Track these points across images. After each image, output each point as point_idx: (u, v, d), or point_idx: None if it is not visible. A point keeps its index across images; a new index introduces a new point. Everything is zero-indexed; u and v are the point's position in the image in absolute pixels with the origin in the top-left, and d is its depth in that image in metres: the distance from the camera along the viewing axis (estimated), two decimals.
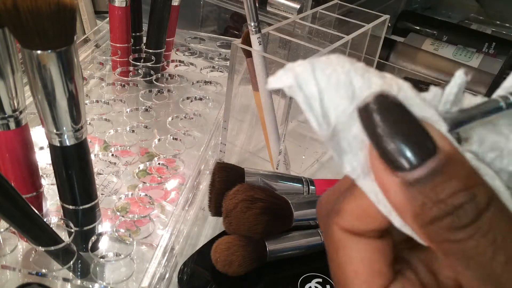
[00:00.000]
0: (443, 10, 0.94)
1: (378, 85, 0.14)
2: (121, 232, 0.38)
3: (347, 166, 0.15)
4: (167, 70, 0.63)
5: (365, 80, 0.14)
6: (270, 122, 0.44)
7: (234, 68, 0.44)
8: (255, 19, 0.40)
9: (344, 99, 0.14)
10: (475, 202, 0.13)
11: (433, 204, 0.13)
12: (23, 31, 0.26)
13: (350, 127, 0.14)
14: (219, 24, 0.80)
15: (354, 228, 0.16)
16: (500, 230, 0.13)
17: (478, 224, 0.13)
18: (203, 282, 0.35)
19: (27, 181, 0.34)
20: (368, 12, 0.52)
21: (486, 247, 0.13)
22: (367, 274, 0.16)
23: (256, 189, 0.36)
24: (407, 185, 0.13)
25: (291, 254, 0.37)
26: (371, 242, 0.16)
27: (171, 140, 0.50)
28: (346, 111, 0.14)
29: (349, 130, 0.14)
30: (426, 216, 0.13)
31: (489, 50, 0.71)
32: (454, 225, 0.13)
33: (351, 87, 0.14)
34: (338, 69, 0.15)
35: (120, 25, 0.56)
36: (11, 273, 0.34)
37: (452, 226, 0.13)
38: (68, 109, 0.29)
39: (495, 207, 0.13)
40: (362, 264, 0.16)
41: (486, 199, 0.13)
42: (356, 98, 0.14)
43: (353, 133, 0.14)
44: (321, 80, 0.15)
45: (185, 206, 0.39)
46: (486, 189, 0.13)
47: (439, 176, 0.13)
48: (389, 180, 0.13)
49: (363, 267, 0.16)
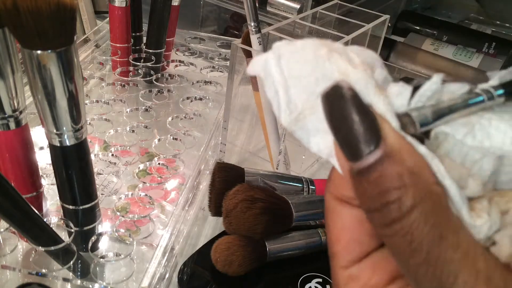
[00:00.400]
0: (443, 10, 0.93)
1: (341, 73, 0.14)
2: (121, 232, 0.38)
3: (314, 147, 0.16)
4: (167, 70, 0.63)
5: (331, 66, 0.15)
6: (270, 122, 0.44)
7: (234, 68, 0.44)
8: (255, 19, 0.40)
9: (309, 86, 0.15)
10: (399, 203, 0.13)
11: (368, 197, 0.13)
12: (23, 31, 0.26)
13: (315, 112, 0.15)
14: (219, 24, 0.80)
15: (340, 195, 0.17)
16: (420, 233, 0.13)
17: (400, 224, 0.13)
18: (203, 282, 0.35)
19: (27, 181, 0.34)
20: (368, 12, 0.52)
21: (405, 247, 0.13)
22: (346, 240, 0.17)
23: (256, 189, 0.36)
24: (352, 174, 0.14)
25: (291, 254, 0.37)
26: (354, 211, 0.16)
27: (171, 140, 0.50)
28: (311, 98, 0.15)
29: (315, 114, 0.15)
30: (364, 206, 0.14)
31: (489, 50, 0.71)
32: (381, 221, 0.13)
33: (315, 74, 0.15)
34: (307, 55, 0.15)
35: (120, 25, 0.56)
36: (11, 273, 0.34)
37: (381, 221, 0.13)
38: (68, 109, 0.29)
39: (421, 211, 0.13)
40: (343, 230, 0.17)
41: (412, 202, 0.13)
42: (320, 85, 0.15)
43: (319, 117, 0.15)
44: (286, 68, 0.15)
45: (185, 206, 0.39)
46: (417, 192, 0.13)
47: (375, 171, 0.13)
48: (343, 165, 0.14)
49: (344, 233, 0.17)
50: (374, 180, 0.13)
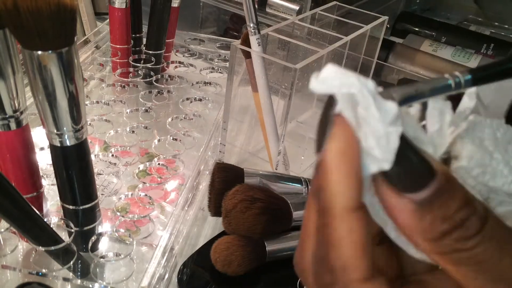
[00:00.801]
0: (442, 12, 0.94)
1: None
2: (121, 232, 0.38)
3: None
4: (167, 71, 0.64)
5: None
6: (269, 123, 0.45)
7: (233, 69, 0.44)
8: (254, 20, 0.40)
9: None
10: (477, 214, 0.14)
11: (442, 221, 0.14)
12: (24, 31, 0.26)
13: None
14: (219, 25, 0.80)
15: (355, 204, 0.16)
16: (501, 234, 0.14)
17: (483, 232, 0.14)
18: (202, 282, 0.36)
19: (27, 181, 0.34)
20: (366, 13, 0.52)
21: (493, 250, 0.14)
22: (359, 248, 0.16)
23: (256, 189, 0.36)
24: (415, 206, 0.14)
25: (290, 254, 0.37)
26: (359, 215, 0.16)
27: (171, 141, 0.50)
28: None
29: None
30: (436, 232, 0.14)
31: (487, 51, 0.71)
32: (463, 235, 0.14)
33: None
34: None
35: (120, 26, 0.56)
36: (12, 273, 0.34)
37: (462, 237, 0.14)
38: (68, 110, 0.29)
39: (492, 216, 0.14)
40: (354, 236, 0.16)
41: (485, 210, 0.14)
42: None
43: None
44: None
45: (184, 206, 0.40)
46: (481, 202, 0.14)
47: (443, 195, 0.14)
48: (397, 201, 0.14)
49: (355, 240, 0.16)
50: (445, 202, 0.14)
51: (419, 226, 0.14)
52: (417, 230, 0.14)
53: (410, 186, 0.14)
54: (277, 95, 0.51)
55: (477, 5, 0.91)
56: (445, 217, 0.14)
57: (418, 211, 0.14)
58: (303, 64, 0.40)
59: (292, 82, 0.40)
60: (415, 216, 0.14)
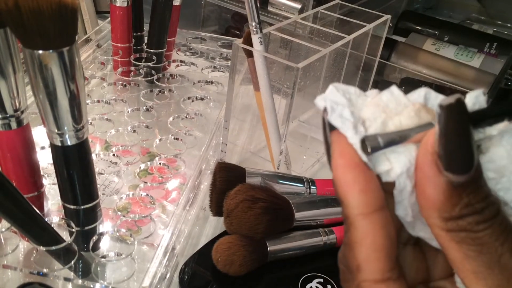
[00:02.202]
0: (444, 10, 0.93)
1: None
2: (122, 232, 0.38)
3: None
4: (168, 70, 0.63)
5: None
6: (271, 122, 0.44)
7: (235, 68, 0.44)
8: (256, 19, 0.40)
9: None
10: (495, 205, 0.15)
11: (465, 205, 0.15)
12: (25, 31, 0.26)
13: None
14: (220, 24, 0.80)
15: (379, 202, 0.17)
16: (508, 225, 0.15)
17: (494, 219, 0.15)
18: (204, 282, 0.35)
19: (28, 180, 0.34)
20: (369, 12, 0.52)
21: (498, 234, 0.15)
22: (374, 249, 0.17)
23: (257, 189, 0.36)
24: (449, 185, 0.15)
25: (292, 254, 0.37)
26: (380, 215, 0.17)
27: (172, 140, 0.50)
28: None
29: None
30: (456, 213, 0.15)
31: (490, 50, 0.71)
32: (478, 220, 0.15)
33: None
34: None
35: (121, 25, 0.56)
36: (13, 272, 0.34)
37: (477, 220, 0.15)
38: (69, 109, 0.29)
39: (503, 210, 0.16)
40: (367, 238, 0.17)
41: (500, 203, 0.15)
42: None
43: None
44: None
45: (186, 206, 0.39)
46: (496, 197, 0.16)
47: (474, 184, 0.15)
48: (434, 175, 0.15)
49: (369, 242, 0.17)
50: (474, 191, 0.15)
51: (442, 204, 0.15)
52: (438, 207, 0.15)
53: (454, 167, 0.15)
54: (279, 94, 0.51)
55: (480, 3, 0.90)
56: (469, 204, 0.15)
57: (449, 191, 0.15)
58: (305, 63, 0.39)
59: (294, 81, 0.39)
60: (444, 194, 0.15)
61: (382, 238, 0.16)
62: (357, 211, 0.16)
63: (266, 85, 0.43)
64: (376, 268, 0.16)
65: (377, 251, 0.16)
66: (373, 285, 0.16)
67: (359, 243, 0.16)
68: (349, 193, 0.16)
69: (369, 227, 0.16)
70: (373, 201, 0.16)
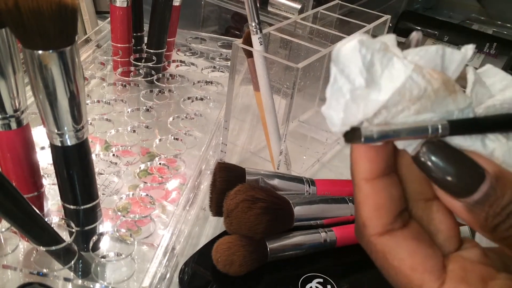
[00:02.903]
0: (444, 10, 0.93)
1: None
2: (122, 232, 0.38)
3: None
4: (168, 70, 0.63)
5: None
6: (271, 122, 0.44)
7: (235, 68, 0.44)
8: (256, 19, 0.40)
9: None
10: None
11: (493, 217, 0.16)
12: (25, 31, 0.26)
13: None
14: (220, 24, 0.80)
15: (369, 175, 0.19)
16: None
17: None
18: (204, 282, 0.35)
19: (28, 181, 0.34)
20: (369, 12, 0.52)
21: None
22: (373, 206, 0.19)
23: (257, 189, 0.36)
24: (469, 207, 0.16)
25: (292, 254, 0.37)
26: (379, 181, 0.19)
27: (172, 140, 0.50)
28: None
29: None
30: (490, 226, 0.16)
31: (490, 51, 0.71)
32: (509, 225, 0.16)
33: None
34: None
35: (121, 25, 0.56)
36: (12, 272, 0.34)
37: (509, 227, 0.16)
38: (69, 109, 0.29)
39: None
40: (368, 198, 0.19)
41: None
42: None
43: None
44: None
45: (186, 206, 0.39)
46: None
47: (492, 196, 0.16)
48: (454, 203, 0.17)
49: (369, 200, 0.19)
50: (494, 202, 0.16)
51: (476, 221, 0.16)
52: (476, 225, 0.17)
53: (461, 191, 0.16)
54: (279, 94, 0.51)
55: (480, 3, 0.90)
56: (496, 214, 0.16)
57: (472, 211, 0.16)
58: (305, 64, 0.39)
59: (294, 82, 0.39)
60: (471, 214, 0.16)
61: (382, 198, 0.18)
62: (361, 175, 0.18)
63: (266, 85, 0.43)
64: (378, 223, 0.18)
65: (377, 210, 0.18)
66: (378, 238, 0.18)
67: (362, 203, 0.18)
68: (357, 161, 0.18)
69: (370, 190, 0.18)
70: (375, 170, 0.18)
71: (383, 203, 0.18)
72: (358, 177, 0.18)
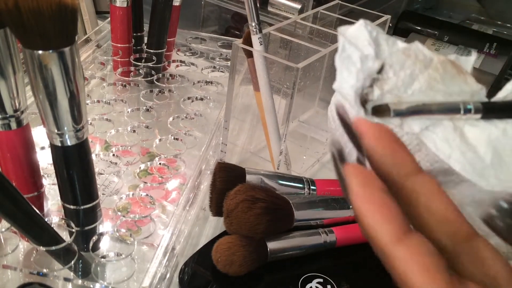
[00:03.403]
0: (444, 10, 0.93)
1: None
2: (122, 232, 0.38)
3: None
4: (168, 70, 0.63)
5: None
6: (271, 122, 0.44)
7: (235, 68, 0.44)
8: (256, 19, 0.40)
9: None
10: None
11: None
12: (25, 31, 0.26)
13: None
14: (220, 24, 0.80)
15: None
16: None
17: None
18: (204, 282, 0.35)
19: (28, 181, 0.34)
20: (369, 12, 0.52)
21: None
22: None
23: (257, 189, 0.36)
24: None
25: (292, 254, 0.37)
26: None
27: (172, 140, 0.50)
28: None
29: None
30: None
31: (490, 51, 0.71)
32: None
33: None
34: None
35: (121, 25, 0.56)
36: (12, 272, 0.34)
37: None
38: (69, 109, 0.29)
39: None
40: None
41: None
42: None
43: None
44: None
45: (186, 206, 0.39)
46: None
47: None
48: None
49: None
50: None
51: None
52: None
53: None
54: (279, 94, 0.51)
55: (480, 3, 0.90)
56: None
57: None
58: (305, 64, 0.39)
59: (294, 82, 0.39)
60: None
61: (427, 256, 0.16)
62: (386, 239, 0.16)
63: (266, 85, 0.43)
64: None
65: (427, 271, 0.16)
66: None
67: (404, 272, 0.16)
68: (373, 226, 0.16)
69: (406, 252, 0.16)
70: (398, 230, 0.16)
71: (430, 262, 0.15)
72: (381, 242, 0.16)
